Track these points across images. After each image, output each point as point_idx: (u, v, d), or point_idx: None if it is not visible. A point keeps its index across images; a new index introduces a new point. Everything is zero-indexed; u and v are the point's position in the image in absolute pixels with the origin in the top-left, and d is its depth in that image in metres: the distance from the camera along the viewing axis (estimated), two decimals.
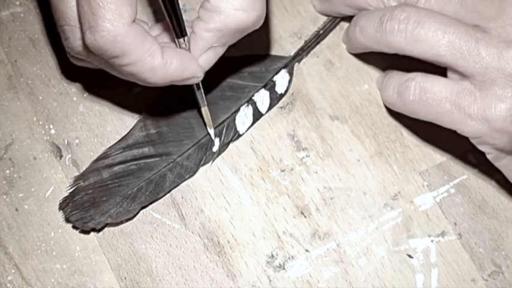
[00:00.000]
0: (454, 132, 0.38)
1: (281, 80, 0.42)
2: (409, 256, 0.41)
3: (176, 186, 0.41)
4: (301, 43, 0.43)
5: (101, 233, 0.40)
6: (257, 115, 0.42)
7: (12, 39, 0.42)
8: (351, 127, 0.42)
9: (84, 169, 0.40)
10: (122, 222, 0.40)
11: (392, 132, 0.42)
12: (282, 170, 0.41)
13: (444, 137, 0.41)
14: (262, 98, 0.42)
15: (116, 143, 0.40)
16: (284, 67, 0.43)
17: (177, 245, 0.40)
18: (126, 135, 0.41)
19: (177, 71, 0.34)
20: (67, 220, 0.39)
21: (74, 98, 0.42)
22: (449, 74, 0.38)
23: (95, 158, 0.40)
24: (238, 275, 0.40)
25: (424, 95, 0.38)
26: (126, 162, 0.40)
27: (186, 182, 0.41)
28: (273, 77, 0.42)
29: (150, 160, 0.40)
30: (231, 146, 0.42)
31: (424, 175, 0.42)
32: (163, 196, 0.40)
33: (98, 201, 0.39)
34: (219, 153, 0.41)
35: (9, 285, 0.39)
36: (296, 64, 0.43)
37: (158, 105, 0.41)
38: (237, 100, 0.42)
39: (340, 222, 0.41)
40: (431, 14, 0.37)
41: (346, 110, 0.43)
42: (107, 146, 0.41)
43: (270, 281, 0.40)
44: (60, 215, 0.40)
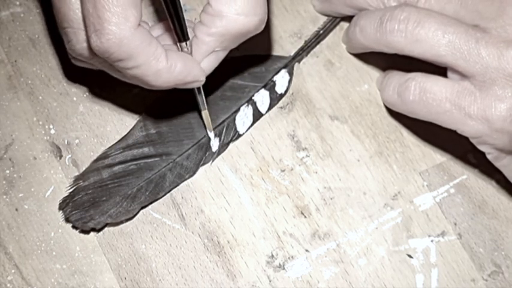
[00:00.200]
0: (454, 132, 0.38)
1: (281, 80, 0.42)
2: (409, 256, 0.41)
3: (176, 186, 0.41)
4: (301, 43, 0.43)
5: (101, 233, 0.40)
6: (257, 115, 0.42)
7: (12, 39, 0.42)
8: (351, 127, 0.42)
9: (84, 169, 0.40)
10: (121, 222, 0.40)
11: (392, 132, 0.42)
12: (282, 170, 0.41)
13: (444, 137, 0.41)
14: (262, 98, 0.42)
15: (116, 143, 0.40)
16: (284, 67, 0.43)
17: (177, 245, 0.40)
18: (126, 135, 0.41)
19: (180, 75, 0.34)
20: (67, 220, 0.39)
21: (74, 98, 0.42)
22: (449, 74, 0.38)
23: (95, 158, 0.40)
24: (238, 275, 0.40)
25: (424, 95, 0.38)
26: (126, 162, 0.40)
27: (186, 182, 0.41)
28: (273, 77, 0.42)
29: (150, 160, 0.40)
30: (231, 146, 0.42)
31: (424, 175, 0.42)
32: (163, 196, 0.40)
33: (98, 201, 0.39)
34: (219, 153, 0.41)
35: (9, 285, 0.39)
36: (296, 64, 0.43)
37: (158, 105, 0.41)
38: (237, 100, 0.42)
39: (340, 222, 0.41)
40: (431, 14, 0.37)
41: (346, 110, 0.43)
42: (107, 146, 0.41)
43: (270, 281, 0.40)
44: (60, 215, 0.40)
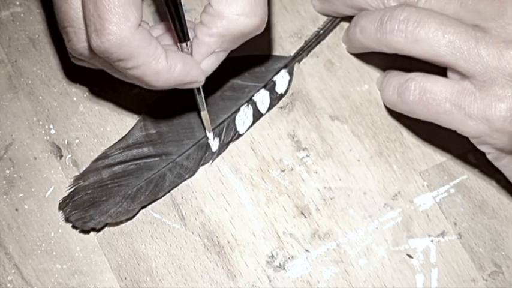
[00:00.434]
0: (454, 132, 0.38)
1: (281, 80, 0.42)
2: (409, 256, 0.41)
3: (176, 186, 0.41)
4: (301, 43, 0.43)
5: (100, 233, 0.40)
6: (257, 115, 0.42)
7: (12, 39, 0.42)
8: (351, 127, 0.42)
9: (84, 169, 0.40)
10: (121, 222, 0.40)
11: (393, 132, 0.42)
12: (282, 170, 0.41)
13: (444, 137, 0.41)
14: (262, 98, 0.42)
15: (116, 143, 0.40)
16: (284, 67, 0.43)
17: (177, 245, 0.40)
18: (126, 135, 0.41)
19: (180, 75, 0.34)
20: (67, 220, 0.39)
21: (74, 98, 0.42)
22: (450, 74, 0.38)
23: (95, 158, 0.40)
24: (238, 275, 0.40)
25: (424, 95, 0.38)
26: (126, 162, 0.40)
27: (186, 182, 0.41)
28: (273, 77, 0.42)
29: (150, 160, 0.40)
30: (231, 146, 0.42)
31: (424, 175, 0.42)
32: (163, 196, 0.40)
33: (98, 201, 0.39)
34: (219, 153, 0.41)
35: (9, 285, 0.39)
36: (296, 64, 0.43)
37: (158, 105, 0.41)
38: (237, 100, 0.42)
39: (340, 222, 0.41)
40: (431, 14, 0.37)
41: (346, 110, 0.43)
42: (107, 146, 0.41)
43: (270, 281, 0.40)
44: (60, 215, 0.40)
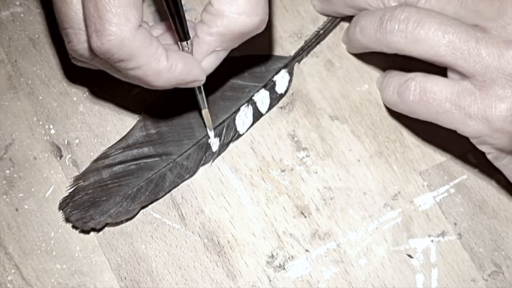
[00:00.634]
0: (454, 132, 0.38)
1: (281, 80, 0.42)
2: (409, 256, 0.41)
3: (176, 186, 0.41)
4: (301, 43, 0.43)
5: (101, 233, 0.40)
6: (257, 115, 0.42)
7: (12, 39, 0.42)
8: (351, 127, 0.42)
9: (84, 169, 0.40)
10: (122, 222, 0.40)
11: (393, 132, 0.42)
12: (282, 170, 0.41)
13: (444, 137, 0.42)
14: (262, 98, 0.42)
15: (116, 143, 0.40)
16: (284, 67, 0.43)
17: (177, 245, 0.40)
18: (126, 135, 0.41)
19: (181, 75, 0.34)
20: (67, 220, 0.39)
21: (74, 98, 0.42)
22: (450, 74, 0.38)
23: (95, 158, 0.40)
24: (238, 275, 0.40)
25: (424, 95, 0.38)
26: (126, 162, 0.40)
27: (186, 182, 0.41)
28: (273, 77, 0.42)
29: (150, 160, 0.40)
30: (231, 146, 0.42)
31: (424, 175, 0.42)
32: (163, 196, 0.40)
33: (98, 201, 0.39)
34: (219, 153, 0.41)
35: (9, 285, 0.39)
36: (296, 64, 0.43)
37: (158, 105, 0.41)
38: (237, 100, 0.42)
39: (340, 222, 0.41)
40: (431, 14, 0.37)
41: (346, 110, 0.43)
42: (107, 146, 0.41)
43: (270, 281, 0.40)
44: (60, 215, 0.40)
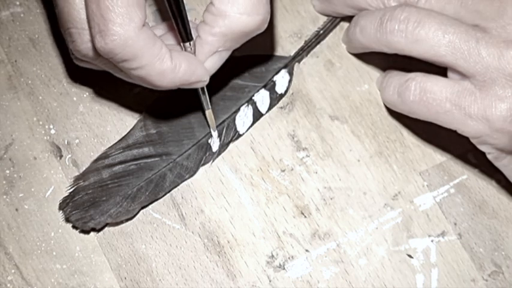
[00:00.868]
0: (454, 132, 0.38)
1: (281, 80, 0.42)
2: (409, 256, 0.41)
3: (176, 186, 0.41)
4: (301, 43, 0.43)
5: (101, 233, 0.40)
6: (257, 115, 0.42)
7: (12, 39, 0.42)
8: (351, 127, 0.42)
9: (84, 169, 0.40)
10: (122, 222, 0.40)
11: (393, 132, 0.42)
12: (282, 170, 0.41)
13: (444, 137, 0.42)
14: (262, 98, 0.42)
15: (116, 143, 0.40)
16: (284, 67, 0.43)
17: (177, 245, 0.40)
18: (126, 135, 0.41)
19: (185, 75, 0.34)
20: (67, 220, 0.39)
21: (74, 98, 0.42)
22: (450, 74, 0.38)
23: (95, 158, 0.40)
24: (238, 275, 0.40)
25: (424, 95, 0.38)
26: (126, 162, 0.40)
27: (186, 182, 0.41)
28: (273, 77, 0.42)
29: (150, 160, 0.40)
30: (231, 146, 0.42)
31: (424, 175, 0.42)
32: (163, 196, 0.40)
33: (98, 201, 0.39)
34: (219, 153, 0.41)
35: (9, 285, 0.39)
36: (296, 64, 0.43)
37: (158, 105, 0.41)
38: (237, 100, 0.42)
39: (340, 222, 0.41)
40: (431, 14, 0.37)
41: (346, 110, 0.43)
42: (107, 146, 0.41)
43: (270, 281, 0.40)
44: (60, 215, 0.40)
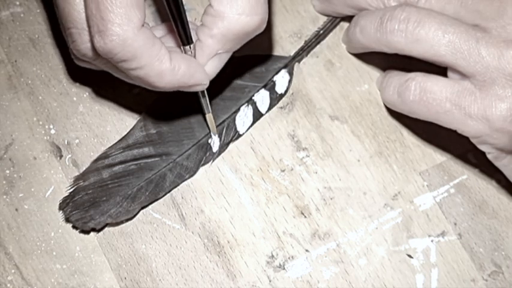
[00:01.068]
0: (454, 132, 0.38)
1: (281, 80, 0.42)
2: (409, 256, 0.41)
3: (176, 186, 0.41)
4: (301, 43, 0.43)
5: (101, 233, 0.40)
6: (257, 115, 0.42)
7: (12, 39, 0.42)
8: (351, 127, 0.42)
9: (84, 169, 0.40)
10: (122, 222, 0.40)
11: (393, 132, 0.42)
12: (282, 170, 0.41)
13: (444, 137, 0.42)
14: (262, 98, 0.42)
15: (116, 143, 0.40)
16: (284, 67, 0.43)
17: (177, 245, 0.40)
18: (126, 135, 0.41)
19: (184, 77, 0.34)
20: (67, 220, 0.39)
21: (74, 98, 0.42)
22: (450, 73, 0.38)
23: (95, 158, 0.40)
24: (238, 275, 0.40)
25: (424, 95, 0.38)
26: (126, 162, 0.40)
27: (186, 182, 0.41)
28: (273, 77, 0.42)
29: (150, 160, 0.40)
30: (231, 146, 0.42)
31: (424, 175, 0.42)
32: (163, 196, 0.40)
33: (98, 201, 0.39)
34: (219, 153, 0.41)
35: (9, 285, 0.39)
36: (296, 64, 0.43)
37: (158, 105, 0.41)
38: (237, 100, 0.42)
39: (340, 222, 0.41)
40: (431, 14, 0.37)
41: (346, 110, 0.43)
42: (107, 146, 0.41)
43: (270, 281, 0.40)
44: (60, 215, 0.40)
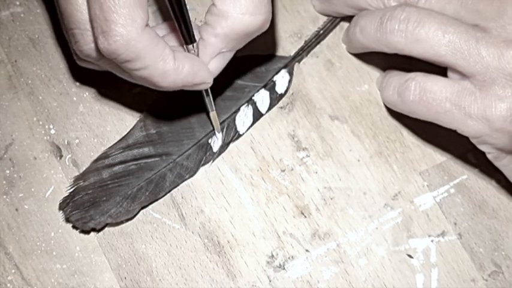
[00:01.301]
0: (454, 132, 0.38)
1: (281, 80, 0.42)
2: (409, 256, 0.41)
3: (176, 186, 0.41)
4: (301, 43, 0.43)
5: (101, 233, 0.40)
6: (257, 115, 0.42)
7: (12, 39, 0.42)
8: (351, 127, 0.42)
9: (84, 169, 0.40)
10: (122, 222, 0.40)
11: (393, 132, 0.42)
12: (282, 170, 0.41)
13: (444, 137, 0.42)
14: (262, 98, 0.42)
15: (116, 143, 0.40)
16: (284, 67, 0.43)
17: (177, 245, 0.40)
18: (126, 135, 0.41)
19: (188, 76, 0.34)
20: (67, 220, 0.39)
21: (74, 98, 0.42)
22: (450, 73, 0.38)
23: (95, 158, 0.40)
24: (238, 275, 0.40)
25: (424, 94, 0.38)
26: (126, 162, 0.40)
27: (186, 182, 0.41)
28: (273, 77, 0.42)
29: (150, 160, 0.40)
30: (231, 146, 0.42)
31: (424, 175, 0.42)
32: (163, 196, 0.40)
33: (98, 201, 0.39)
34: (219, 153, 0.41)
35: (9, 285, 0.39)
36: (296, 64, 0.43)
37: (159, 105, 0.41)
38: (237, 100, 0.42)
39: (340, 222, 0.41)
40: (431, 13, 0.37)
41: (346, 110, 0.43)
42: (107, 146, 0.41)
43: (270, 281, 0.40)
44: (60, 215, 0.40)
